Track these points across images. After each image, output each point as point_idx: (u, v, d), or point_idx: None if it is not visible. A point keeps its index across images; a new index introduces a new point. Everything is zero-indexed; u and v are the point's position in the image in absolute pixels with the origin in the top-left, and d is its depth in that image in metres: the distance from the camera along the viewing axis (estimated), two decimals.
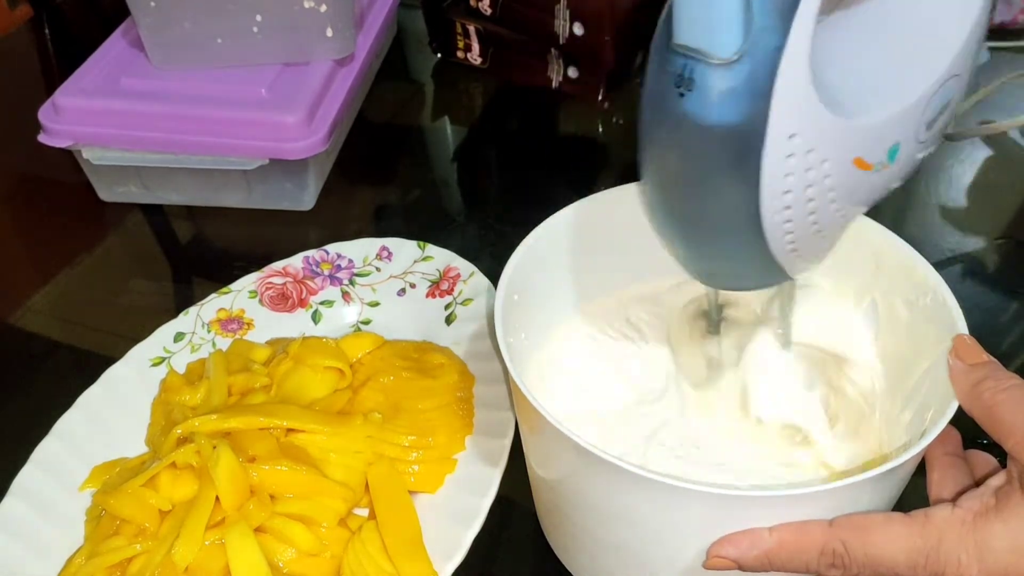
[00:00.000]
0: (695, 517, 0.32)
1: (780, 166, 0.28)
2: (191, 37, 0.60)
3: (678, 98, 0.28)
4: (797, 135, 0.28)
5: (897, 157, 0.31)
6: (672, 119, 0.29)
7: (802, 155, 0.28)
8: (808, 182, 0.29)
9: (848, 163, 0.30)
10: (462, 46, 0.75)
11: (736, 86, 0.27)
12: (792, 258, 0.32)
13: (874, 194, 0.32)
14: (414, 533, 0.41)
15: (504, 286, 0.38)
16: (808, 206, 0.30)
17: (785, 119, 0.27)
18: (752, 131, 0.27)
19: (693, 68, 0.28)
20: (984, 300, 0.55)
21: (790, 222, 0.30)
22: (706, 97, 0.28)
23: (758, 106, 0.27)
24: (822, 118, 0.28)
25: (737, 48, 0.26)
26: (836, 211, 0.31)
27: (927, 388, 0.37)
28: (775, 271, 0.33)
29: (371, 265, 0.55)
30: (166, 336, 0.52)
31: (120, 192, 0.64)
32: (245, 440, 0.43)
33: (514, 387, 0.35)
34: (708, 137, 0.28)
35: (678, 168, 0.30)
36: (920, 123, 0.31)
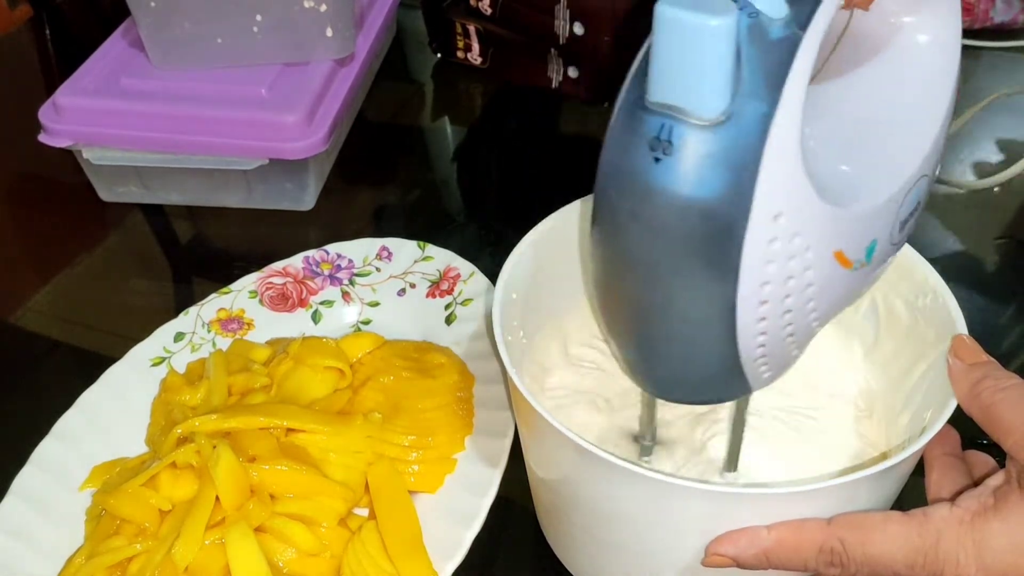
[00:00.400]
0: (694, 515, 0.32)
1: (762, 252, 0.25)
2: (191, 37, 0.60)
3: (652, 164, 0.25)
4: (783, 216, 0.25)
5: (873, 257, 0.29)
6: (641, 188, 0.25)
7: (786, 240, 0.25)
8: (789, 273, 0.26)
9: (830, 256, 0.27)
10: (462, 46, 0.75)
11: (721, 152, 0.24)
12: (759, 367, 0.29)
13: (848, 299, 0.30)
14: (414, 533, 0.41)
15: (502, 285, 0.38)
16: (785, 303, 0.27)
17: (773, 195, 0.24)
18: (735, 207, 0.24)
19: (672, 129, 0.24)
20: (984, 300, 0.55)
21: (764, 320, 0.27)
22: (685, 163, 0.24)
23: (743, 178, 0.24)
24: (810, 199, 0.25)
25: (725, 107, 0.24)
26: (811, 312, 0.28)
27: (926, 388, 0.37)
28: (738, 381, 0.29)
29: (371, 265, 0.55)
30: (166, 336, 0.52)
31: (120, 192, 0.64)
32: (245, 440, 0.43)
33: (512, 387, 0.35)
34: (683, 213, 0.25)
35: (641, 249, 0.26)
36: (895, 221, 0.29)
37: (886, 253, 0.30)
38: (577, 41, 0.68)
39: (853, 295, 0.30)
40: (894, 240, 0.30)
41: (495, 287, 0.38)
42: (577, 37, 0.67)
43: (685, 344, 0.28)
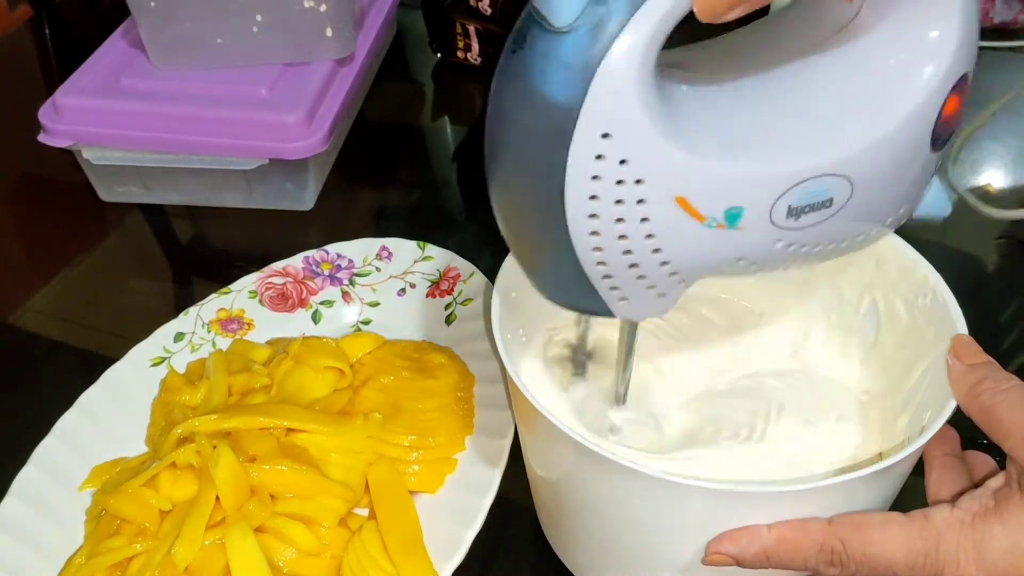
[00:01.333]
0: (694, 513, 0.32)
1: (588, 164, 0.27)
2: (191, 37, 0.60)
3: (510, 55, 0.28)
4: (611, 137, 0.26)
5: (739, 224, 0.28)
6: (501, 74, 0.28)
7: (613, 162, 0.26)
8: (617, 196, 0.27)
9: (669, 198, 0.27)
10: (462, 46, 0.75)
11: (562, 58, 0.26)
12: (611, 293, 0.30)
13: (710, 257, 0.30)
14: (414, 533, 0.41)
15: (501, 284, 0.38)
16: (618, 227, 0.28)
17: (600, 112, 0.26)
18: (568, 113, 0.26)
19: (529, 28, 0.27)
20: (984, 300, 0.55)
21: (597, 235, 0.28)
22: (532, 60, 0.26)
23: (579, 88, 0.26)
24: (644, 130, 0.26)
25: (572, 19, 0.25)
26: (655, 253, 0.29)
27: (926, 388, 0.37)
28: (595, 298, 0.31)
29: (371, 265, 0.55)
30: (166, 336, 0.52)
31: (120, 192, 0.64)
32: (245, 440, 0.43)
33: (512, 385, 0.35)
34: (526, 103, 0.27)
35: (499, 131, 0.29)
36: (776, 202, 0.29)
37: (765, 230, 0.29)
38: None
39: (722, 257, 0.30)
40: (778, 222, 0.29)
41: (494, 286, 0.38)
42: None
43: (536, 239, 0.30)
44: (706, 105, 0.29)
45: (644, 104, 0.26)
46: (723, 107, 0.29)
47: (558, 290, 0.33)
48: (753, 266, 0.30)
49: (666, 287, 0.30)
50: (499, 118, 0.29)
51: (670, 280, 0.30)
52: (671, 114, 0.27)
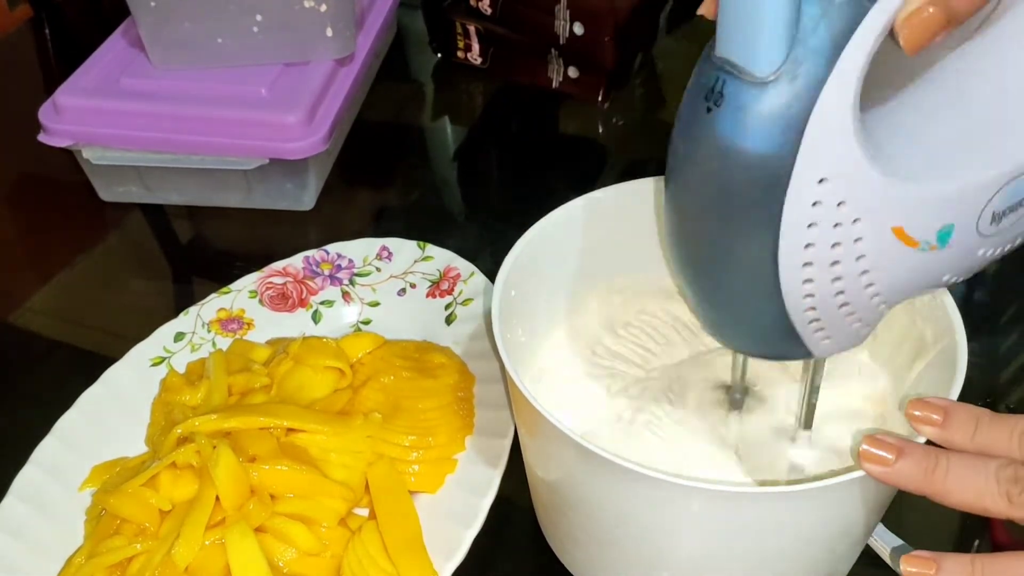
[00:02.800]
0: (694, 514, 0.32)
1: (803, 212, 0.26)
2: (191, 37, 0.60)
3: (704, 113, 0.26)
4: (828, 181, 0.25)
5: (950, 242, 0.28)
6: (696, 134, 0.27)
7: (831, 206, 0.26)
8: (835, 239, 0.26)
9: (886, 230, 0.27)
10: (462, 46, 0.75)
11: (769, 109, 0.25)
12: (814, 332, 0.29)
13: (919, 280, 0.29)
14: (414, 533, 0.41)
15: (501, 284, 0.38)
16: (833, 270, 0.27)
17: (816, 158, 0.25)
18: (779, 164, 0.25)
19: (726, 82, 0.26)
20: (984, 300, 0.55)
21: (811, 283, 0.27)
22: (734, 115, 0.25)
23: (789, 137, 0.25)
24: (860, 169, 0.25)
25: (776, 67, 0.24)
26: (867, 287, 0.28)
27: (924, 386, 0.37)
28: (793, 342, 0.30)
29: (371, 265, 0.55)
30: (166, 336, 0.52)
31: (120, 192, 0.64)
32: (245, 440, 0.43)
33: (512, 386, 0.35)
34: (731, 161, 0.26)
35: (696, 191, 0.28)
36: (983, 211, 0.28)
37: (971, 242, 0.29)
38: (577, 41, 0.68)
39: (929, 277, 0.29)
40: (983, 231, 0.28)
41: (494, 286, 0.38)
42: (577, 37, 0.67)
43: (736, 293, 0.29)
44: (896, 125, 0.28)
45: (859, 142, 0.25)
46: (912, 123, 0.28)
47: (753, 341, 0.32)
48: (954, 278, 0.30)
49: (870, 317, 0.30)
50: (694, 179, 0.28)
51: (877, 310, 0.29)
52: (875, 144, 0.26)
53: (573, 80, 0.71)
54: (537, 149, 0.71)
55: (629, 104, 0.72)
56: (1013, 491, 0.29)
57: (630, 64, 0.73)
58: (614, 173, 0.67)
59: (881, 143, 0.27)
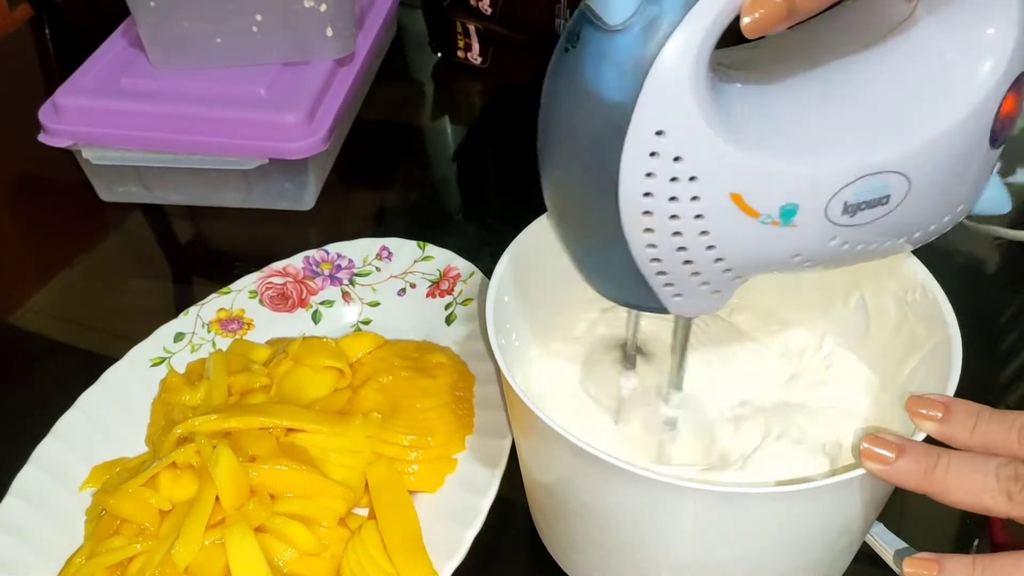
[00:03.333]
0: (690, 515, 0.32)
1: (641, 162, 0.27)
2: (191, 37, 0.60)
3: (563, 53, 0.28)
4: (666, 134, 0.26)
5: (794, 220, 0.28)
6: (553, 75, 0.28)
7: (667, 159, 0.27)
8: (671, 193, 0.27)
9: (723, 194, 0.27)
10: (462, 45, 0.75)
11: (615, 56, 0.26)
12: (664, 289, 0.30)
13: (766, 254, 0.29)
14: (414, 533, 0.41)
15: (494, 288, 0.38)
16: (671, 224, 0.28)
17: (654, 110, 0.26)
18: (621, 111, 0.26)
19: (582, 27, 0.27)
20: (983, 300, 0.55)
21: (651, 232, 0.28)
22: (585, 59, 0.27)
23: (632, 85, 0.26)
24: (698, 127, 0.26)
25: (626, 17, 0.25)
26: (709, 249, 0.29)
27: (919, 382, 0.37)
28: (646, 293, 0.31)
29: (371, 265, 0.55)
30: (166, 336, 0.52)
31: (120, 192, 0.64)
32: (245, 440, 0.43)
33: (507, 388, 0.35)
34: (579, 103, 0.27)
35: (552, 132, 0.29)
36: (833, 198, 0.28)
37: (820, 228, 0.29)
38: None
39: (778, 255, 0.30)
40: (833, 219, 0.29)
41: (488, 290, 0.38)
42: None
43: (590, 238, 0.30)
44: (760, 103, 0.29)
45: (698, 101, 0.26)
46: (777, 105, 0.29)
47: (611, 286, 0.33)
48: (808, 263, 0.30)
49: (720, 284, 0.30)
50: (551, 117, 0.29)
51: (724, 277, 0.30)
52: (725, 112, 0.27)
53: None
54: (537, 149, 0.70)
55: None
56: (1013, 489, 0.29)
57: None
58: None
59: (736, 112, 0.28)
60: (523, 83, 0.73)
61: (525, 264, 0.41)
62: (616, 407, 0.41)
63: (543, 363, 0.43)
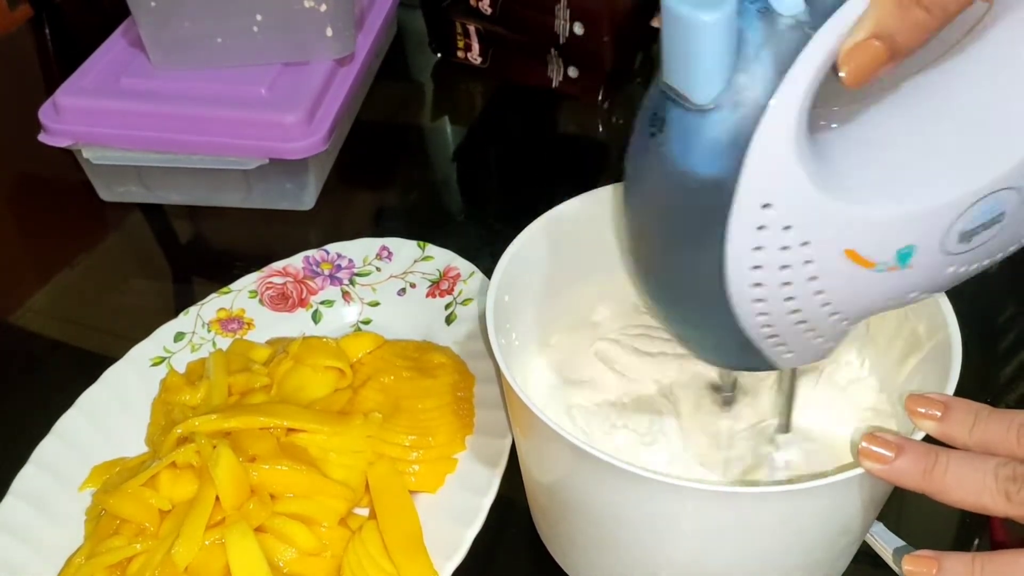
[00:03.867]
0: (690, 515, 0.32)
1: (748, 237, 0.26)
2: (191, 37, 0.60)
3: (648, 138, 0.27)
4: (772, 206, 0.25)
5: (911, 262, 0.27)
6: (641, 158, 0.27)
7: (777, 230, 0.26)
8: (783, 262, 0.26)
9: (838, 253, 0.27)
10: (462, 46, 0.75)
11: (709, 136, 0.25)
12: (775, 349, 0.30)
13: (882, 298, 0.29)
14: (414, 533, 0.41)
15: (494, 288, 0.38)
16: (784, 291, 0.27)
17: (759, 184, 0.25)
18: (721, 190, 0.25)
19: (668, 108, 0.26)
20: (983, 299, 0.55)
21: (762, 302, 0.27)
22: (675, 141, 0.26)
23: (731, 163, 0.25)
24: (806, 194, 0.25)
25: (715, 95, 0.24)
26: (824, 307, 0.28)
27: (918, 382, 0.37)
28: (754, 356, 0.30)
29: (371, 265, 0.55)
30: (166, 336, 0.52)
31: (120, 192, 0.64)
32: (245, 440, 0.43)
33: (507, 389, 0.35)
34: (674, 186, 0.26)
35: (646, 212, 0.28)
36: (949, 231, 0.27)
37: (936, 261, 0.28)
38: (577, 41, 0.68)
39: (894, 294, 0.29)
40: (950, 250, 0.28)
41: (488, 291, 0.38)
42: (577, 37, 0.67)
43: (691, 311, 0.30)
44: (854, 145, 0.28)
45: (803, 167, 0.25)
46: (871, 142, 0.28)
47: (718, 355, 0.32)
48: (924, 295, 0.30)
49: (832, 333, 0.30)
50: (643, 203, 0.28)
51: (838, 326, 0.29)
52: (826, 166, 0.26)
53: (573, 80, 0.71)
54: (537, 149, 0.71)
55: (629, 104, 0.72)
56: (1012, 489, 0.29)
57: (630, 64, 0.73)
58: (614, 173, 0.67)
59: (833, 164, 0.27)
60: (523, 83, 0.73)
61: (525, 264, 0.41)
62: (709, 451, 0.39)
63: (543, 362, 0.43)
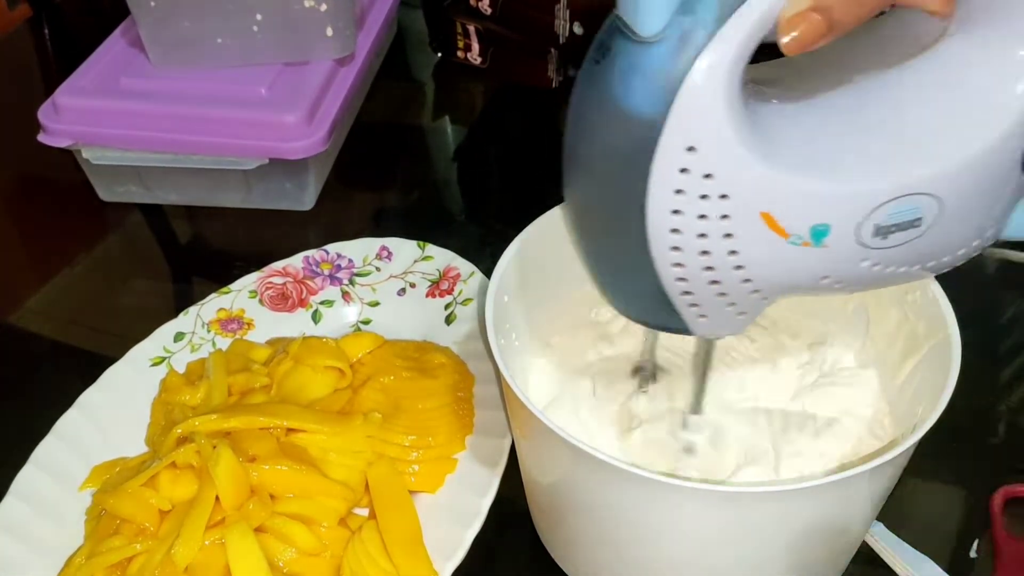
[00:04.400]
0: (690, 515, 0.32)
1: (671, 177, 0.26)
2: (191, 36, 0.60)
3: (593, 64, 0.27)
4: (697, 150, 0.26)
5: (824, 242, 0.28)
6: (583, 86, 0.28)
7: (697, 175, 0.26)
8: (701, 211, 0.27)
9: (754, 213, 0.27)
10: (462, 46, 0.75)
11: (646, 69, 0.25)
12: (690, 309, 0.30)
13: (795, 275, 0.29)
14: (414, 533, 0.41)
15: (494, 289, 0.38)
16: (701, 243, 0.27)
17: (687, 125, 0.25)
18: (651, 126, 0.25)
19: (613, 38, 0.26)
20: (983, 300, 0.55)
21: (679, 251, 0.28)
22: (615, 70, 0.26)
23: (663, 100, 0.25)
24: (730, 144, 0.26)
25: (658, 29, 0.25)
26: (737, 270, 0.28)
27: (918, 382, 0.37)
28: (669, 314, 0.30)
29: (371, 265, 0.55)
30: (166, 336, 0.52)
31: (120, 192, 0.64)
32: (245, 440, 0.43)
33: (507, 389, 0.35)
34: (609, 116, 0.26)
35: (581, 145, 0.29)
36: (865, 220, 0.28)
37: (851, 250, 0.29)
38: (577, 41, 0.68)
39: (807, 275, 0.29)
40: (865, 241, 0.28)
41: (487, 291, 0.38)
42: (577, 37, 0.67)
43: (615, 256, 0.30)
44: (793, 121, 0.28)
45: (730, 118, 0.25)
46: (811, 123, 0.29)
47: (635, 306, 0.32)
48: (837, 284, 0.30)
49: (747, 305, 0.30)
50: (579, 129, 0.28)
51: (751, 298, 0.30)
52: (758, 129, 0.26)
53: (573, 80, 0.71)
54: (537, 149, 0.70)
55: None
56: None
57: None
58: None
59: (768, 130, 0.27)
60: (523, 83, 0.73)
61: (525, 264, 0.41)
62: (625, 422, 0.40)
63: (543, 363, 0.43)
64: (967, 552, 0.41)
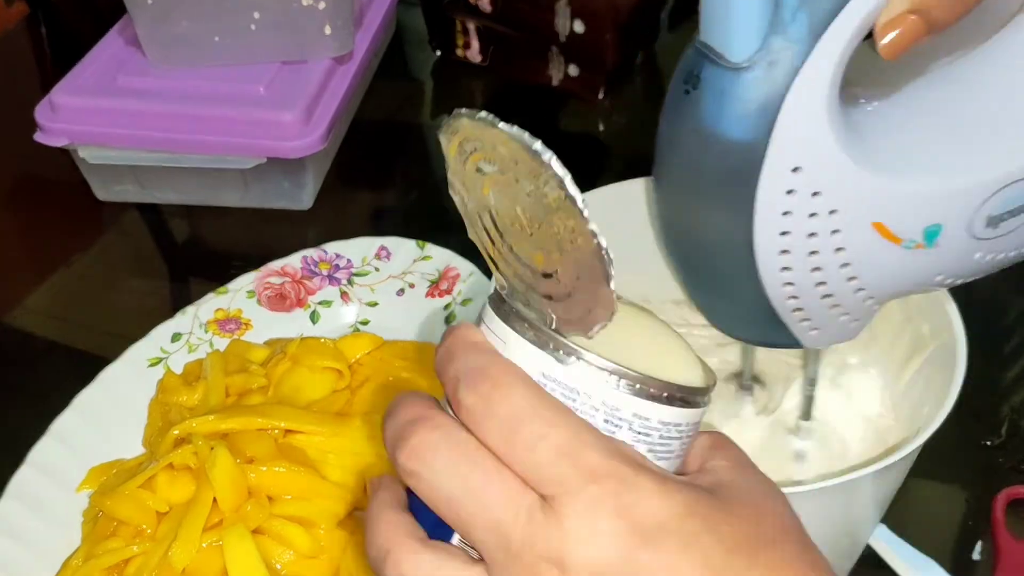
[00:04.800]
0: None
1: (777, 200, 0.26)
2: (188, 35, 0.60)
3: (683, 95, 0.27)
4: (802, 170, 0.25)
5: (937, 241, 0.27)
6: (675, 117, 0.27)
7: (805, 195, 0.26)
8: (811, 229, 0.26)
9: (865, 224, 0.27)
10: (462, 44, 0.74)
11: (743, 95, 0.25)
12: (800, 323, 0.29)
13: (909, 278, 0.29)
14: None
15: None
16: (811, 260, 0.27)
17: (789, 146, 0.25)
18: (753, 150, 0.25)
19: (704, 66, 0.26)
20: (988, 300, 0.54)
21: (789, 271, 0.27)
22: (709, 99, 0.26)
23: (763, 124, 0.25)
24: (835, 159, 0.25)
25: (750, 54, 0.24)
26: (850, 280, 0.28)
27: (922, 384, 0.37)
28: (779, 330, 0.30)
29: (370, 265, 0.55)
30: (163, 336, 0.51)
31: (117, 191, 0.64)
32: (243, 441, 0.43)
33: None
34: (707, 145, 0.26)
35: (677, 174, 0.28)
36: (976, 213, 0.27)
37: (964, 245, 0.28)
38: (578, 39, 0.67)
39: (921, 275, 0.29)
40: (977, 234, 0.28)
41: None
42: (578, 35, 0.67)
43: (719, 278, 0.29)
44: (889, 121, 0.28)
45: (834, 132, 0.25)
46: (907, 120, 0.28)
47: (742, 327, 0.32)
48: (949, 280, 0.30)
49: (859, 312, 0.30)
50: (673, 162, 0.28)
51: (864, 305, 0.29)
52: (857, 136, 0.26)
53: (574, 78, 0.70)
54: None
55: (630, 102, 0.72)
56: None
57: (631, 62, 0.73)
58: (615, 171, 0.67)
59: (867, 137, 0.27)
60: (523, 81, 0.73)
61: None
62: None
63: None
64: (970, 554, 0.41)
